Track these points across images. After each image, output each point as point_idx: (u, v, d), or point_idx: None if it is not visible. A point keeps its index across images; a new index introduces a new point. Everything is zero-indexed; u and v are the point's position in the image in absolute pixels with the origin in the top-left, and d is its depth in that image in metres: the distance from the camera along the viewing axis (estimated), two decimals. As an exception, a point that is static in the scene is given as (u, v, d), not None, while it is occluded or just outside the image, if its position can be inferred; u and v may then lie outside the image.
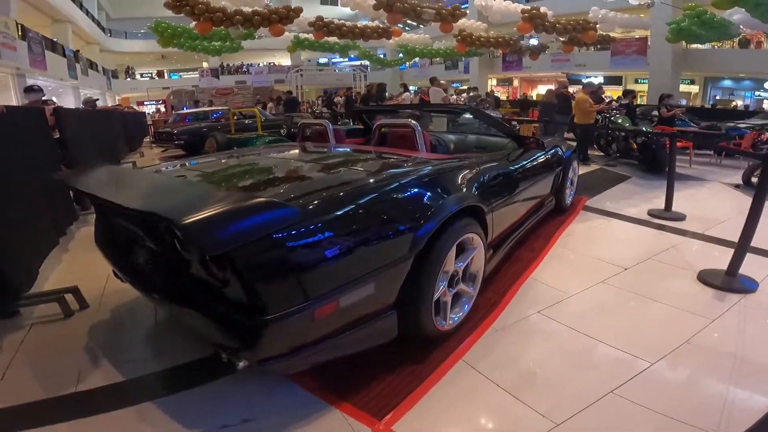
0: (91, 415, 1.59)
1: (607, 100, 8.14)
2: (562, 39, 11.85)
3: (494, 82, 27.00)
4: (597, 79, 20.97)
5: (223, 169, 2.21)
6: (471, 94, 12.28)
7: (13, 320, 2.29)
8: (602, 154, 7.85)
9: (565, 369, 1.83)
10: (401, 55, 15.42)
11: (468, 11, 13.96)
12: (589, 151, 7.33)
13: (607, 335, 2.04)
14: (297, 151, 2.78)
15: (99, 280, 2.69)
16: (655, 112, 7.95)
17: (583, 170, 6.58)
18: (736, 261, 2.62)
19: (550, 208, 3.68)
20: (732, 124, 7.70)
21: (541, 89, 23.02)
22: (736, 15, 9.45)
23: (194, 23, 9.11)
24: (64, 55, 16.11)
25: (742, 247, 2.62)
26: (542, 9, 10.70)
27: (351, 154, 2.60)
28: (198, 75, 26.33)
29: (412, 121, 2.47)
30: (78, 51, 18.56)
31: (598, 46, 16.68)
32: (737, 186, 5.31)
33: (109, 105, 17.73)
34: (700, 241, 3.41)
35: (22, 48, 12.04)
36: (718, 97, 17.94)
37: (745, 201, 3.44)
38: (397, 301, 1.67)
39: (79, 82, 18.19)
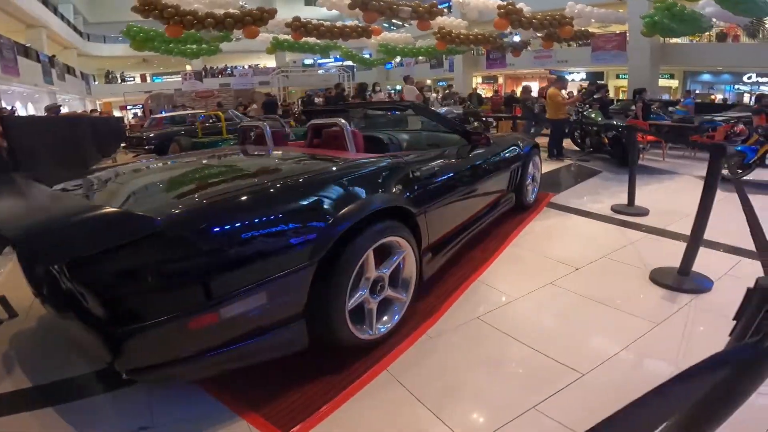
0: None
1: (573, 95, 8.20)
2: (539, 35, 11.87)
3: (480, 80, 27.07)
4: (579, 75, 21.14)
5: (112, 179, 2.12)
6: (447, 91, 12.31)
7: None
8: (578, 149, 7.87)
9: (493, 380, 1.74)
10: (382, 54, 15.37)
11: (451, 9, 13.95)
12: (564, 147, 7.32)
13: (543, 342, 1.95)
14: (217, 155, 2.75)
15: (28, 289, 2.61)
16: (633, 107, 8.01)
17: (556, 166, 6.54)
18: (689, 258, 2.56)
19: (509, 205, 3.62)
20: (708, 117, 7.72)
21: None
22: (708, 8, 9.52)
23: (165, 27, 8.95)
24: (39, 61, 15.80)
25: (694, 242, 2.56)
26: (520, 5, 10.70)
27: (265, 156, 2.56)
28: (181, 78, 26.03)
29: (341, 120, 2.38)
30: (54, 56, 18.20)
31: (580, 42, 16.77)
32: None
33: (80, 111, 17.44)
34: (660, 237, 3.36)
35: (-8, 54, 11.77)
36: (698, 91, 18.09)
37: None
38: (306, 309, 1.60)
39: (56, 87, 17.86)
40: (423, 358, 1.87)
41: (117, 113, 23.97)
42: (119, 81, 27.19)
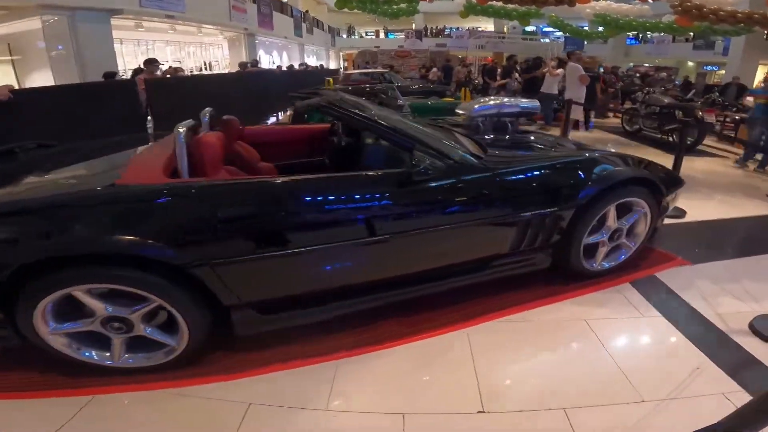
0: None
1: None
2: None
3: (772, 68, 19.29)
4: None
5: None
6: (662, 75, 9.27)
7: None
8: None
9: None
10: (600, 28, 12.32)
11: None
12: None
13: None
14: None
15: None
16: None
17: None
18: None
19: (530, 268, 2.43)
20: None
21: None
22: None
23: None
24: (292, 16, 19.08)
25: None
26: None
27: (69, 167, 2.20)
28: (404, 36, 27.61)
29: (180, 129, 1.78)
30: (307, 11, 21.70)
31: None
32: None
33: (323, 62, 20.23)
34: None
35: (252, 10, 14.80)
36: None
37: None
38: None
39: (304, 39, 21.44)
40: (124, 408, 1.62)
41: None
42: (357, 35, 30.83)
